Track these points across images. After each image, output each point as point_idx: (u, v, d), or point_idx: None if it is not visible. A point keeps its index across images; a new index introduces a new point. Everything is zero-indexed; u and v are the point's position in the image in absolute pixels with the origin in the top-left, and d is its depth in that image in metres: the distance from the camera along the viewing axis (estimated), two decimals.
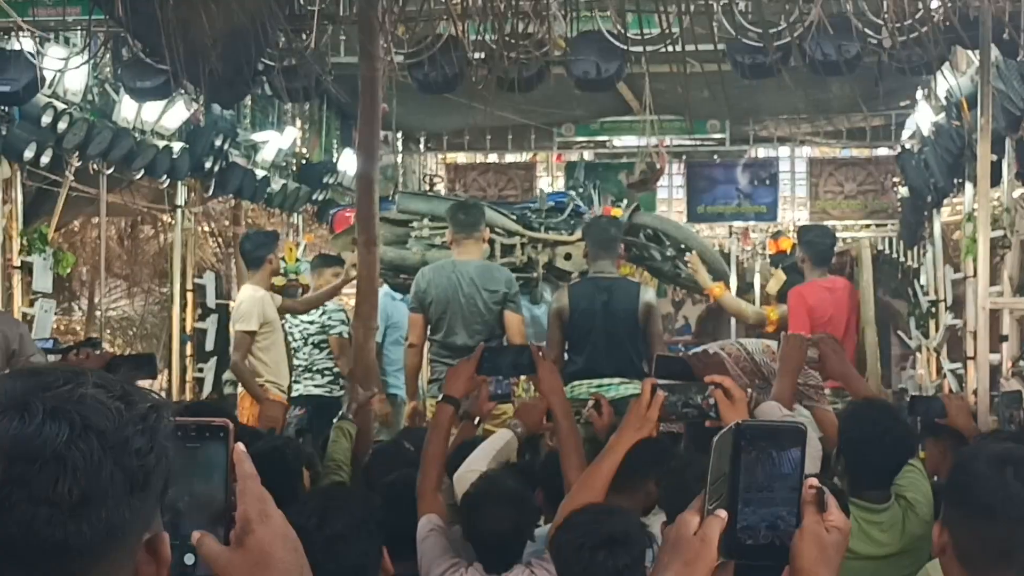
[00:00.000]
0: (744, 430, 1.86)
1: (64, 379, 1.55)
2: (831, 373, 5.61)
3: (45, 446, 1.48)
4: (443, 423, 4.85)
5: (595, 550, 3.69)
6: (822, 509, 1.90)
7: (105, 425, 1.52)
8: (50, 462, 1.48)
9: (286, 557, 1.78)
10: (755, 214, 16.12)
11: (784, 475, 1.86)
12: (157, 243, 16.85)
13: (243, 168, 12.87)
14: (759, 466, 1.85)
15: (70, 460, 1.49)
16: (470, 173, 17.24)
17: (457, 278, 8.44)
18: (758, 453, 1.85)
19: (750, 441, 1.85)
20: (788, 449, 1.86)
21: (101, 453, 1.50)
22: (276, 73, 8.29)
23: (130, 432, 1.54)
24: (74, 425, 1.50)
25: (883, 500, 4.81)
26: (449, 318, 8.49)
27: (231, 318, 10.19)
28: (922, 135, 12.80)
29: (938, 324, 13.18)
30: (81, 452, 1.49)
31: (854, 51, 8.08)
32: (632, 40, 8.08)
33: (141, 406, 1.57)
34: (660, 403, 3.70)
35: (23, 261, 10.19)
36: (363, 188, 7.58)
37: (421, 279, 8.68)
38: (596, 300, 8.33)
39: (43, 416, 1.50)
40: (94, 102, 10.49)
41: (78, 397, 1.53)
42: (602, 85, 8.93)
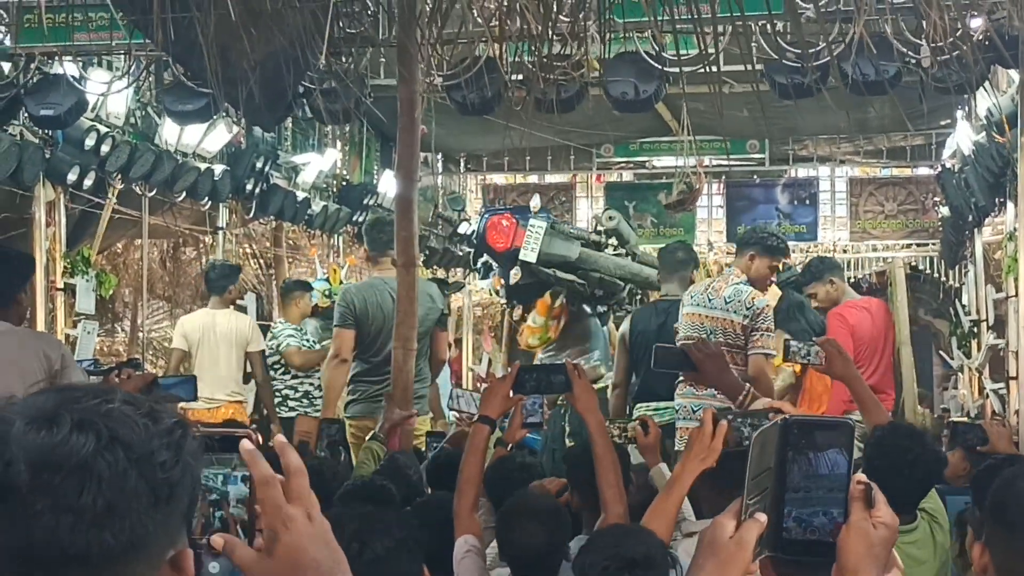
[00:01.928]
0: (792, 424, 1.86)
1: (93, 394, 1.58)
2: (835, 375, 5.61)
3: (71, 456, 1.51)
4: (479, 444, 4.84)
5: (619, 572, 3.68)
6: (870, 505, 1.90)
7: (131, 438, 1.54)
8: (75, 471, 1.50)
9: (318, 555, 1.76)
10: (795, 234, 16.02)
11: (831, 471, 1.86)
12: (199, 265, 16.91)
13: (284, 190, 12.94)
14: (806, 462, 1.85)
15: (95, 470, 1.51)
16: (510, 194, 17.27)
17: (392, 296, 8.21)
18: (805, 448, 1.85)
19: (798, 436, 1.85)
20: (835, 445, 1.86)
21: (127, 464, 1.52)
22: (316, 96, 8.35)
23: (156, 445, 1.56)
24: (101, 436, 1.52)
25: (911, 520, 4.83)
26: (384, 336, 8.42)
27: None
28: (963, 154, 12.73)
29: (980, 344, 13.10)
30: (107, 463, 1.51)
31: (893, 71, 8.06)
32: (670, 61, 8.09)
33: (167, 422, 1.60)
34: (724, 432, 3.68)
35: (66, 283, 10.28)
36: (402, 210, 7.61)
37: (353, 297, 8.67)
38: (653, 323, 8.35)
39: (71, 427, 1.52)
40: (136, 125, 10.59)
41: (106, 411, 1.55)
42: (640, 106, 8.94)
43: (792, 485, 1.85)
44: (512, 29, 6.52)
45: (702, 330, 7.98)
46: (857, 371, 5.63)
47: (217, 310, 10.66)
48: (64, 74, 8.82)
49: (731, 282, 8.12)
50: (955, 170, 13.20)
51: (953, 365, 14.72)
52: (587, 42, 7.44)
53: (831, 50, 7.63)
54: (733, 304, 7.92)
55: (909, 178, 16.39)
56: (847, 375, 5.56)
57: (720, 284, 8.18)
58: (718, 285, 8.17)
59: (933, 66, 7.68)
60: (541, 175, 17.19)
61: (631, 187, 16.86)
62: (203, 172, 11.32)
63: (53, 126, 9.31)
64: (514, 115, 8.59)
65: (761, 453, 1.89)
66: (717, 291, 8.02)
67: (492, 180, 17.60)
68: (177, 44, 6.48)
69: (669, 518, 3.85)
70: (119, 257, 15.29)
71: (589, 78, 8.43)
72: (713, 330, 7.93)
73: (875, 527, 1.89)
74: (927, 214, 16.01)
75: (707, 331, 7.95)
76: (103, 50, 8.73)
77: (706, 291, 8.14)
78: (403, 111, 7.38)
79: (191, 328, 10.62)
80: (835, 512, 1.87)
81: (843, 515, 1.87)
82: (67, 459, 1.50)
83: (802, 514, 1.86)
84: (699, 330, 8.00)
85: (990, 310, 12.70)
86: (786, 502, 1.85)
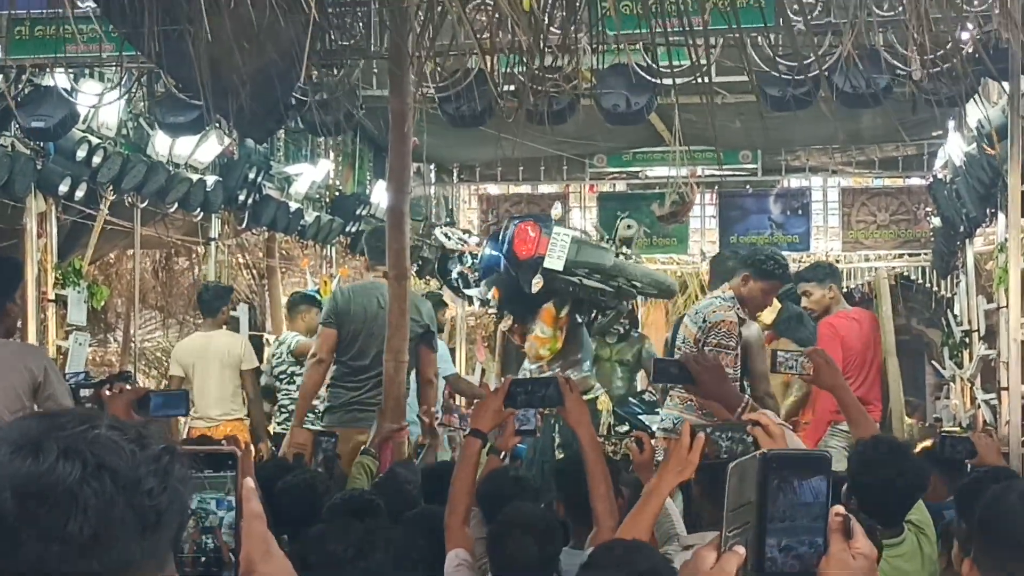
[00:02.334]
0: (771, 458, 1.87)
1: (79, 420, 1.57)
2: (823, 384, 5.62)
3: (57, 484, 1.50)
4: (471, 457, 4.84)
5: None
6: (848, 536, 1.91)
7: (118, 465, 1.53)
8: (62, 500, 1.50)
9: None
10: (788, 244, 16.01)
11: (810, 503, 1.87)
12: (191, 275, 16.94)
13: (277, 200, 12.94)
14: (786, 494, 1.86)
15: (82, 498, 1.50)
16: (503, 204, 17.26)
17: (379, 301, 8.32)
18: (785, 481, 1.86)
19: (777, 469, 1.86)
20: (814, 477, 1.87)
21: (113, 492, 1.52)
22: (308, 108, 8.36)
23: (143, 472, 1.55)
24: (87, 464, 1.51)
25: (899, 532, 4.84)
26: (363, 340, 8.44)
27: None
28: (954, 165, 12.75)
29: (972, 354, 13.10)
30: (93, 491, 1.51)
31: (884, 83, 8.08)
32: (662, 72, 8.10)
33: (154, 448, 1.59)
34: (701, 445, 3.67)
35: (57, 294, 10.27)
36: (394, 221, 7.61)
37: (339, 295, 8.74)
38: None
39: (56, 455, 1.51)
40: (128, 136, 10.59)
41: (92, 438, 1.54)
42: (632, 118, 8.94)
43: (774, 517, 1.85)
44: (503, 41, 6.53)
45: (680, 337, 8.07)
46: (844, 381, 5.64)
47: (211, 331, 10.62)
48: (55, 86, 8.82)
49: (713, 294, 8.18)
50: (946, 181, 13.22)
51: (945, 375, 14.72)
52: (578, 54, 7.46)
53: (822, 62, 7.64)
54: (698, 315, 8.00)
55: (901, 188, 16.40)
56: (835, 385, 5.57)
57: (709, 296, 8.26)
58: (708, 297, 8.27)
59: (923, 78, 7.69)
60: (534, 185, 17.19)
61: (624, 197, 16.85)
62: (195, 183, 11.32)
63: (44, 138, 9.31)
64: (507, 126, 8.60)
65: (740, 485, 1.90)
66: (701, 302, 8.13)
67: (485, 190, 17.59)
68: (168, 56, 6.49)
69: (643, 530, 3.84)
70: (112, 268, 15.29)
71: (581, 90, 8.44)
72: (682, 337, 8.00)
73: (854, 558, 1.90)
74: (919, 224, 16.02)
75: (681, 339, 8.03)
76: (94, 62, 8.72)
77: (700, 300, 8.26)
78: (394, 123, 7.39)
79: (184, 353, 10.61)
80: (815, 543, 1.88)
81: (823, 546, 1.88)
82: (53, 488, 1.50)
83: (785, 545, 1.86)
84: (679, 337, 8.09)
85: (981, 320, 12.71)
86: (768, 533, 1.86)
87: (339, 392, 8.60)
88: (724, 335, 7.78)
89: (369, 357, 8.38)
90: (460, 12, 5.92)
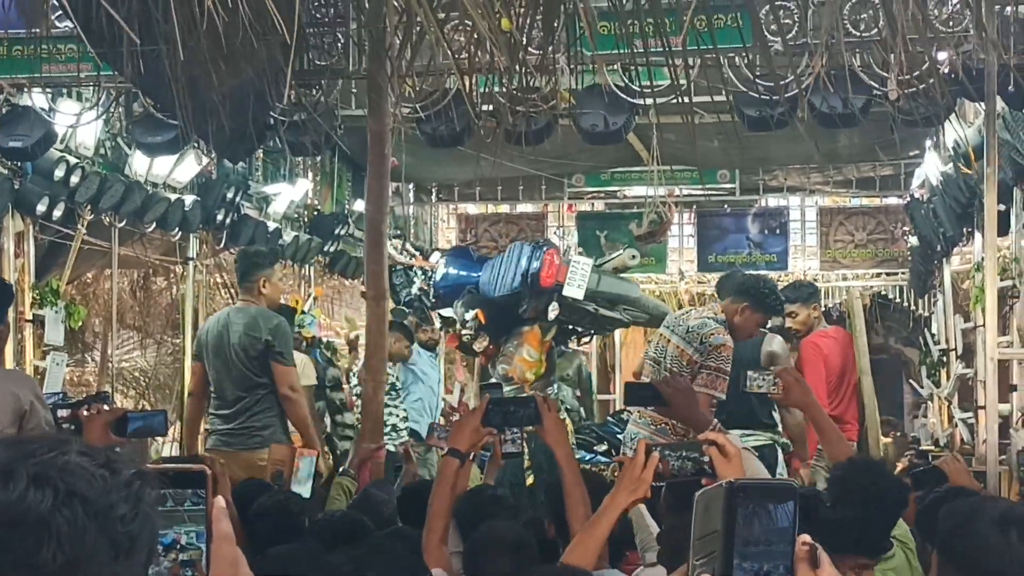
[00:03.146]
0: (738, 488, 1.87)
1: (48, 447, 1.56)
2: (794, 403, 5.64)
3: (29, 512, 1.49)
4: (448, 476, 4.83)
5: None
6: (815, 566, 1.91)
7: (89, 492, 1.52)
8: (34, 528, 1.49)
9: None
10: (766, 263, 16.06)
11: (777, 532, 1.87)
12: (169, 295, 16.87)
13: (255, 220, 12.92)
14: (753, 523, 1.86)
15: (54, 526, 1.49)
16: (481, 224, 17.28)
17: (227, 326, 8.37)
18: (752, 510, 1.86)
19: (744, 498, 1.86)
20: (780, 505, 1.88)
21: (85, 519, 1.51)
22: (286, 127, 8.35)
23: (115, 499, 1.54)
24: (58, 491, 1.51)
25: (888, 548, 4.84)
26: (217, 368, 8.42)
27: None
28: (931, 185, 12.82)
29: (949, 373, 13.15)
30: (65, 518, 1.50)
31: (861, 103, 8.11)
32: (640, 92, 8.12)
33: (125, 473, 1.58)
34: (655, 464, 3.68)
35: (35, 314, 10.23)
36: (372, 241, 7.61)
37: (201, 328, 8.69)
38: (755, 353, 8.37)
39: (27, 482, 1.50)
40: (106, 156, 10.57)
41: (62, 464, 1.53)
42: (610, 138, 8.96)
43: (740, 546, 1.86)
44: (482, 61, 6.54)
45: (663, 352, 8.05)
46: (815, 400, 5.65)
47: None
48: (33, 106, 8.81)
49: (703, 314, 8.16)
50: (924, 200, 13.29)
51: (923, 394, 14.77)
52: (557, 75, 7.47)
53: (799, 82, 7.67)
54: (692, 335, 7.97)
55: (879, 208, 16.47)
56: (806, 404, 5.59)
57: (694, 313, 8.23)
58: (693, 313, 8.23)
59: (900, 99, 7.73)
60: (513, 205, 17.21)
61: (603, 217, 16.86)
62: (173, 203, 11.29)
63: (22, 158, 9.28)
64: (485, 146, 8.60)
65: (705, 514, 1.90)
66: (687, 318, 8.08)
67: (464, 210, 17.60)
68: (146, 76, 6.49)
69: (592, 549, 3.85)
70: (89, 287, 15.23)
71: (560, 110, 8.45)
72: (672, 356, 7.99)
73: None
74: (896, 243, 16.08)
75: (666, 355, 8.02)
76: (72, 82, 8.70)
77: (680, 316, 8.23)
78: (373, 144, 7.39)
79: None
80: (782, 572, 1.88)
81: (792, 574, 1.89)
82: (25, 515, 1.49)
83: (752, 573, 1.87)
84: (660, 352, 8.07)
85: (959, 339, 12.76)
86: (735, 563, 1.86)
87: (214, 419, 8.58)
88: (724, 360, 7.78)
89: (224, 387, 8.40)
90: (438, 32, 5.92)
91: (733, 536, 1.85)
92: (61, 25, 7.65)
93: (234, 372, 8.27)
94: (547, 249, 10.55)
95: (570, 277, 10.28)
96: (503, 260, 10.75)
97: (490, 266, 10.90)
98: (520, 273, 10.38)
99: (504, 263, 10.68)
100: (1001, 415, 9.08)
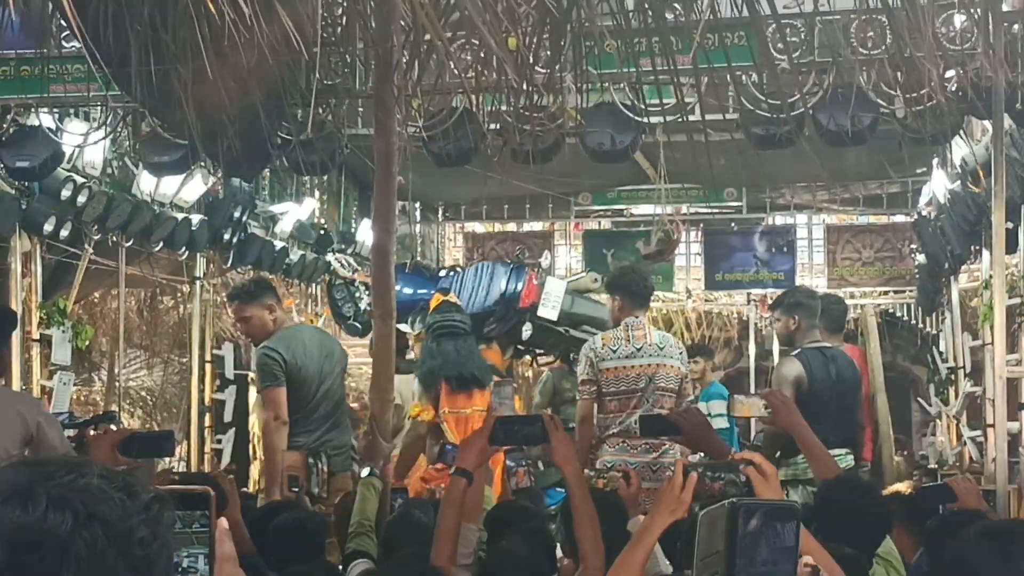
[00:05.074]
0: (740, 507, 1.87)
1: (68, 469, 1.56)
2: (782, 425, 5.64)
3: (49, 534, 1.49)
4: (456, 496, 4.82)
5: None
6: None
7: (109, 515, 1.52)
8: (54, 550, 1.49)
9: None
10: (773, 281, 16.05)
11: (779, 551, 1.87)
12: (176, 314, 16.89)
13: (262, 239, 12.94)
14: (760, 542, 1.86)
15: (74, 549, 1.49)
16: (488, 242, 17.27)
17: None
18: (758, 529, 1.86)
19: (746, 518, 1.86)
20: (783, 525, 1.87)
21: (105, 542, 1.51)
22: (293, 147, 8.35)
23: (134, 522, 1.54)
24: (78, 514, 1.50)
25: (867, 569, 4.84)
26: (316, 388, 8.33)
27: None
28: (938, 202, 12.80)
29: (957, 391, 13.12)
30: (85, 541, 1.50)
31: (868, 121, 8.10)
32: (647, 111, 8.12)
33: (144, 497, 1.58)
34: (693, 484, 3.65)
35: (42, 334, 10.23)
36: (379, 261, 7.58)
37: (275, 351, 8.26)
38: (829, 370, 8.37)
39: (47, 505, 1.50)
40: (113, 175, 10.59)
41: (82, 487, 1.53)
42: (617, 157, 8.94)
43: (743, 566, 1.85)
44: (489, 80, 6.54)
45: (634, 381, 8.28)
46: (803, 421, 5.65)
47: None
48: (40, 125, 8.82)
49: (649, 329, 8.45)
50: (931, 218, 13.27)
51: (931, 412, 14.74)
52: (564, 93, 7.47)
53: (806, 101, 7.67)
54: (667, 349, 8.24)
55: (886, 225, 16.44)
56: (793, 425, 5.59)
57: (641, 333, 8.46)
58: (641, 335, 8.46)
59: (907, 116, 7.72)
60: (519, 223, 17.21)
61: (609, 235, 16.88)
62: (180, 222, 11.31)
63: (29, 178, 9.29)
64: (492, 164, 8.61)
65: (709, 534, 1.90)
66: (638, 339, 8.34)
67: (471, 228, 17.61)
68: (154, 96, 6.48)
69: (635, 570, 3.83)
70: (96, 307, 15.24)
71: (566, 128, 8.45)
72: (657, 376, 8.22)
73: None
74: (904, 261, 16.05)
75: (656, 378, 8.24)
76: (79, 101, 8.71)
77: (634, 342, 8.44)
78: (379, 163, 7.37)
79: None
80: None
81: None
82: (45, 538, 1.49)
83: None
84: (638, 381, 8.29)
85: (967, 357, 12.73)
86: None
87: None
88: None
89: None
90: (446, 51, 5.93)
91: (735, 555, 1.85)
92: (68, 45, 7.64)
93: None
94: (527, 270, 10.58)
95: (544, 298, 10.31)
96: (471, 278, 10.77)
97: (452, 283, 10.93)
98: (499, 292, 10.40)
99: (474, 281, 10.68)
100: (1010, 433, 9.05)
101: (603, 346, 8.60)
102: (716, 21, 5.91)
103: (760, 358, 17.61)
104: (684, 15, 5.87)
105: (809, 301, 8.80)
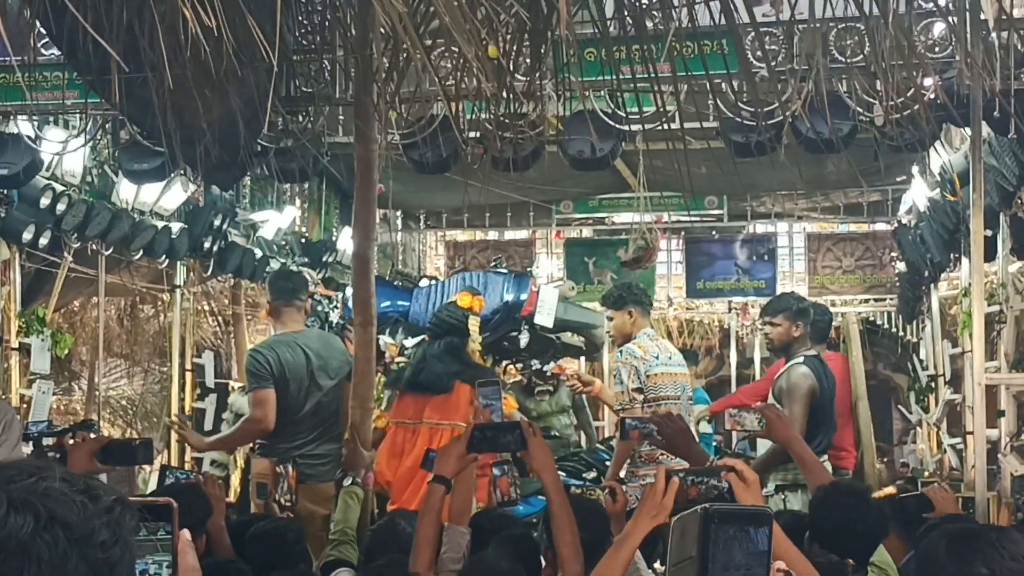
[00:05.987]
0: (712, 514, 1.87)
1: (29, 472, 1.55)
2: (778, 439, 5.66)
3: (10, 537, 1.48)
4: (434, 504, 4.82)
5: None
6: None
7: (70, 518, 1.52)
8: (14, 553, 1.48)
9: None
10: (754, 289, 16.10)
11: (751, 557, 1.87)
12: (157, 323, 16.86)
13: (242, 247, 12.91)
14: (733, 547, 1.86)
15: (35, 551, 1.48)
16: (469, 250, 17.26)
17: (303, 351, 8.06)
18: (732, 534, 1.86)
19: (719, 524, 1.86)
20: (755, 531, 1.87)
21: (67, 545, 1.50)
22: (272, 155, 8.34)
23: (95, 525, 1.54)
24: (39, 517, 1.50)
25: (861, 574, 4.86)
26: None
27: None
28: (918, 210, 12.85)
29: (938, 399, 13.16)
30: (46, 544, 1.49)
31: (847, 129, 8.12)
32: (627, 118, 8.13)
33: (105, 500, 1.58)
34: (675, 489, 3.66)
35: (21, 343, 10.20)
36: (359, 269, 7.58)
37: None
38: (829, 379, 8.46)
39: (8, 507, 1.50)
40: (93, 183, 10.56)
41: (43, 490, 1.53)
42: (597, 164, 8.95)
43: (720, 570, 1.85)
44: (469, 88, 6.54)
45: (678, 388, 8.38)
46: (798, 434, 5.68)
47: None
48: (19, 133, 8.79)
49: (658, 339, 8.58)
50: (911, 226, 13.31)
51: (912, 420, 14.78)
52: (544, 101, 7.47)
53: (785, 109, 7.68)
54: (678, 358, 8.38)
55: (866, 234, 16.49)
56: (788, 439, 5.61)
57: (664, 343, 8.58)
58: (664, 344, 8.58)
59: (886, 125, 7.74)
60: (501, 231, 17.21)
61: (591, 243, 16.89)
62: (160, 230, 11.28)
63: (8, 186, 9.26)
64: (473, 172, 8.60)
65: (681, 540, 1.90)
66: (668, 349, 8.48)
67: (452, 237, 17.60)
68: (132, 104, 6.47)
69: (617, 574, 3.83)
70: (76, 315, 15.22)
71: (547, 136, 8.46)
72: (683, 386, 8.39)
73: None
74: (884, 269, 16.09)
75: (682, 388, 8.40)
76: (58, 109, 8.69)
77: (664, 350, 8.51)
78: (360, 170, 7.38)
79: None
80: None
81: None
82: (6, 541, 1.48)
83: None
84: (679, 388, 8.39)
85: (947, 365, 12.77)
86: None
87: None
88: None
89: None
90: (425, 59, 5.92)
91: (708, 560, 1.85)
92: (47, 53, 7.64)
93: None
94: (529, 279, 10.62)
95: (539, 306, 10.32)
96: (441, 291, 10.75)
97: (424, 296, 10.90)
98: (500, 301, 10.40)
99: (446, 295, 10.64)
100: (989, 440, 9.09)
101: (644, 354, 8.52)
102: (694, 29, 5.92)
103: (741, 366, 17.64)
104: (664, 23, 5.87)
105: (809, 309, 8.86)
